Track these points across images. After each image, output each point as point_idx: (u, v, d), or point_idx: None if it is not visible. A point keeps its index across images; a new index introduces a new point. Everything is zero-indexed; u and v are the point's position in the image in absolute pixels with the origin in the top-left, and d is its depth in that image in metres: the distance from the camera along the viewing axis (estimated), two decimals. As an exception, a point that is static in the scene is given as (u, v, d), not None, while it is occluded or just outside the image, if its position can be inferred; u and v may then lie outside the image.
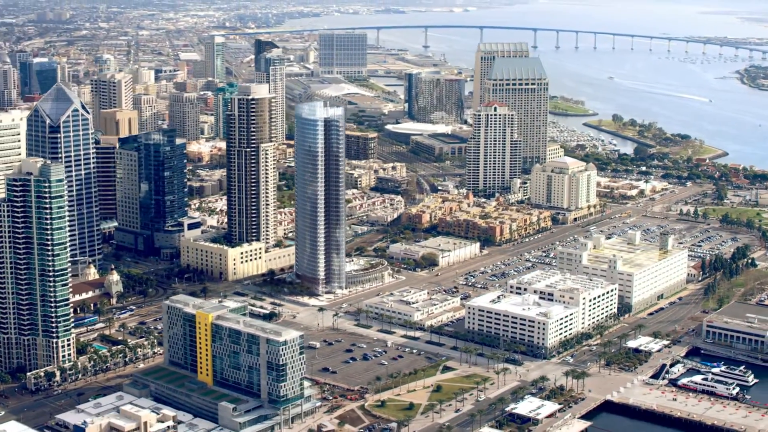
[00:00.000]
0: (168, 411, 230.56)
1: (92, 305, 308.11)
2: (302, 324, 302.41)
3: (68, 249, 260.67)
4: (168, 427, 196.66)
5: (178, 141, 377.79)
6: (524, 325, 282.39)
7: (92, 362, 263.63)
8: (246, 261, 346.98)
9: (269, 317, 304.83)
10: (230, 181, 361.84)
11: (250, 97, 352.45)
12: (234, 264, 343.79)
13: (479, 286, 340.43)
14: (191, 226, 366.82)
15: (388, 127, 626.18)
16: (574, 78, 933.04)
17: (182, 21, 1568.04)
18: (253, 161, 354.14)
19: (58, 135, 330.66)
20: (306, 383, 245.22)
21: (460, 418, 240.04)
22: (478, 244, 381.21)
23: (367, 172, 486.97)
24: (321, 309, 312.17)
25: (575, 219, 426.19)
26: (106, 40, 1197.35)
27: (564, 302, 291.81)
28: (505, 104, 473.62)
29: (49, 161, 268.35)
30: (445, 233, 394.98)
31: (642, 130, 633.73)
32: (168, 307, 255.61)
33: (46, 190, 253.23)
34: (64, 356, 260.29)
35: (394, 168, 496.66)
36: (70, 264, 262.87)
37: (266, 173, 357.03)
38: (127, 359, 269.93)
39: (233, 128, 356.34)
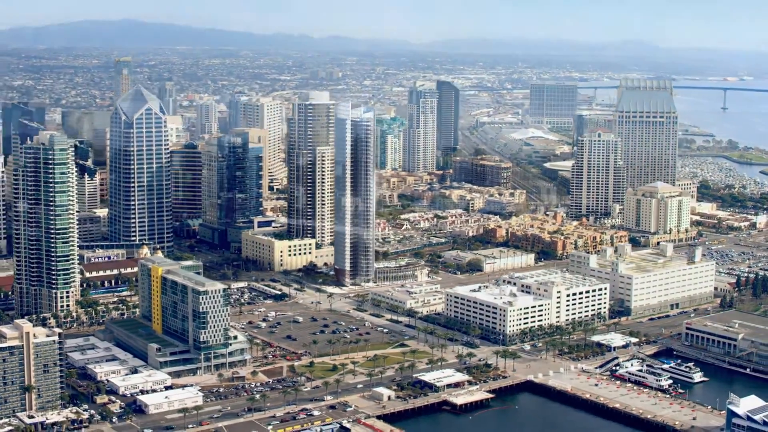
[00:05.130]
0: (121, 351, 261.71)
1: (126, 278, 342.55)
2: (304, 305, 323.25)
3: (70, 211, 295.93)
4: (54, 341, 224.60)
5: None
6: (488, 311, 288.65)
7: (87, 314, 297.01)
8: (294, 254, 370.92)
9: (281, 297, 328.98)
10: (290, 181, 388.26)
11: (308, 103, 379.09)
12: (281, 256, 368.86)
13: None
14: (262, 224, 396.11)
15: (546, 164, 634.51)
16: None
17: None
18: (309, 163, 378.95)
19: (131, 130, 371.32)
20: (241, 337, 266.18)
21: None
22: (532, 255, 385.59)
23: (482, 195, 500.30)
24: (319, 291, 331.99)
25: (659, 243, 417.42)
26: (352, 92, 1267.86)
27: (539, 295, 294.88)
28: (609, 131, 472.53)
29: (57, 133, 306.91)
30: (514, 246, 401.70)
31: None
32: (140, 264, 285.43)
33: (51, 157, 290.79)
34: (62, 306, 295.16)
35: (512, 194, 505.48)
36: (72, 224, 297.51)
37: (322, 174, 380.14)
38: (124, 316, 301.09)
39: (293, 131, 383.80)
